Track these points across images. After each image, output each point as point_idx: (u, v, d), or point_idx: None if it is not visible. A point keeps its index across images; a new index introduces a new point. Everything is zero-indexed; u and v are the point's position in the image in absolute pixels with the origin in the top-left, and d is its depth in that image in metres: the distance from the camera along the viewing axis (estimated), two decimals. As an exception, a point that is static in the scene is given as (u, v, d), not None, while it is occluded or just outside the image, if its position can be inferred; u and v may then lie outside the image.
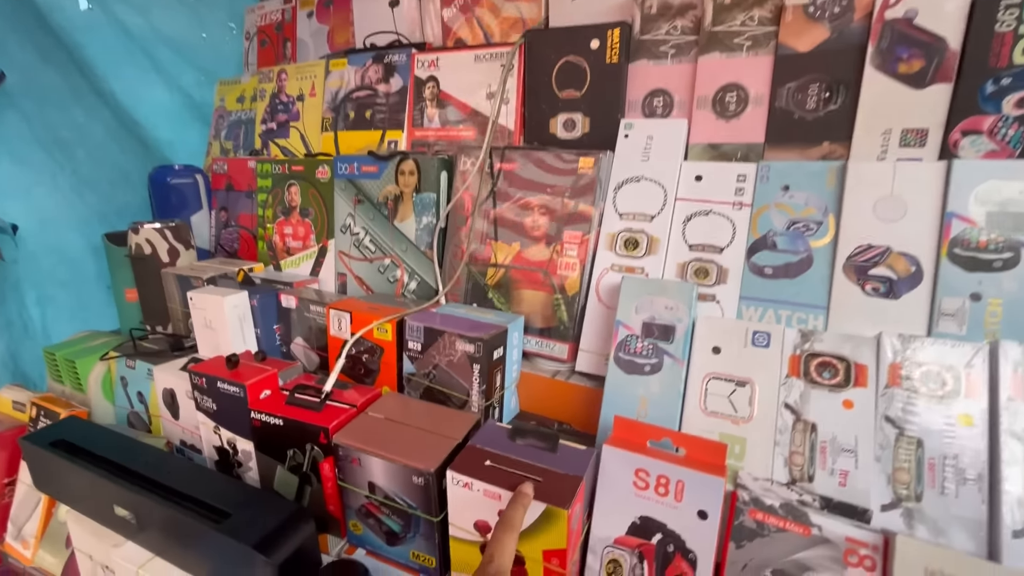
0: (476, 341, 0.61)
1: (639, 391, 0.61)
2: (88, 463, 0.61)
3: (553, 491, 0.48)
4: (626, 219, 0.71)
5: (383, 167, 0.80)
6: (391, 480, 0.54)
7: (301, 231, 0.91)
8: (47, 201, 1.05)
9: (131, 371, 0.82)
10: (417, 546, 0.56)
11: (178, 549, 0.56)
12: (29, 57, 0.98)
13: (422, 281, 0.80)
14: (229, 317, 0.76)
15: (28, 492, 0.79)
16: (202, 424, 0.69)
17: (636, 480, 0.51)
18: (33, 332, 1.06)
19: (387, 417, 0.60)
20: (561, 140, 0.79)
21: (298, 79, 1.03)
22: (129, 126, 1.17)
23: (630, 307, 0.64)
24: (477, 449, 0.54)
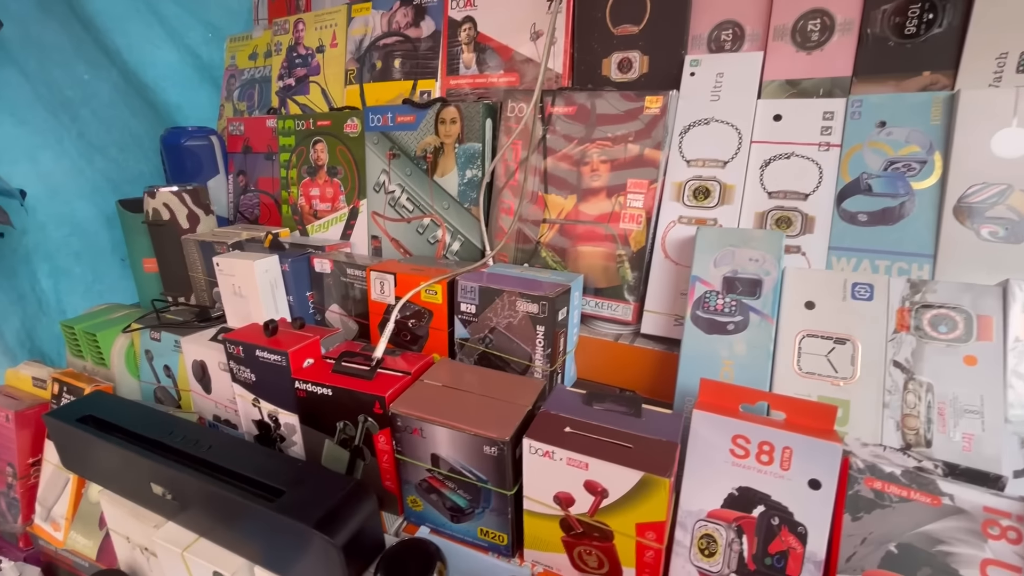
0: (541, 300, 0.56)
1: (722, 352, 0.55)
2: (121, 439, 0.56)
3: (649, 458, 0.42)
4: (694, 166, 0.64)
5: (421, 116, 0.73)
6: (458, 451, 0.49)
7: (329, 192, 0.85)
8: (54, 166, 0.98)
9: (156, 344, 0.76)
10: (486, 522, 0.51)
11: (225, 529, 0.52)
12: (26, 7, 0.90)
13: (466, 241, 0.74)
14: (260, 283, 0.70)
15: (55, 472, 0.75)
16: (239, 397, 0.64)
17: (734, 448, 0.46)
18: (47, 306, 1.01)
19: (445, 384, 0.55)
20: (615, 82, 0.71)
21: (317, 28, 0.95)
22: (137, 87, 1.10)
23: (708, 261, 0.57)
24: (552, 415, 0.48)
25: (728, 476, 0.46)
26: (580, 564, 0.48)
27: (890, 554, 0.42)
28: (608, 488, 0.43)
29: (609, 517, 0.44)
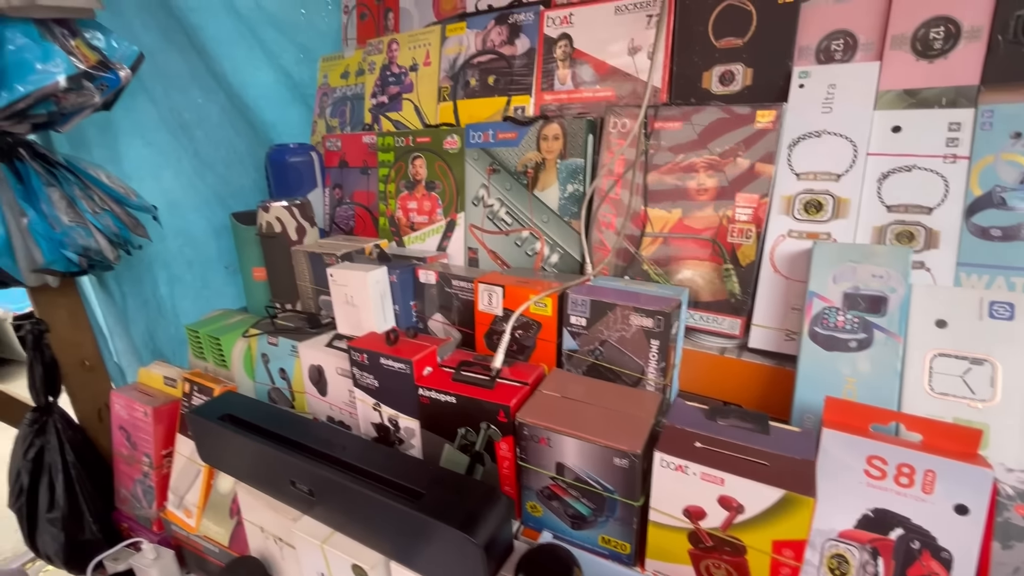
0: (656, 315, 0.57)
1: (844, 370, 0.55)
2: (261, 438, 0.62)
3: (790, 476, 0.43)
4: (805, 179, 0.64)
5: (523, 133, 0.76)
6: (585, 461, 0.51)
7: (427, 205, 0.89)
8: (173, 183, 1.07)
9: (273, 348, 0.83)
10: (609, 531, 0.52)
11: (362, 525, 0.56)
12: (154, 39, 0.99)
13: (565, 254, 0.76)
14: (372, 293, 0.75)
15: (187, 464, 0.82)
16: (359, 401, 0.69)
17: (869, 468, 0.46)
18: (165, 310, 1.10)
19: (563, 395, 0.57)
20: (716, 95, 0.71)
21: (411, 48, 0.99)
22: (240, 108, 1.18)
23: (826, 276, 0.57)
24: (678, 430, 0.50)
25: (862, 497, 0.46)
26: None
27: (1049, 586, 0.41)
28: (744, 504, 0.44)
29: (743, 533, 0.45)
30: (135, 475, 0.88)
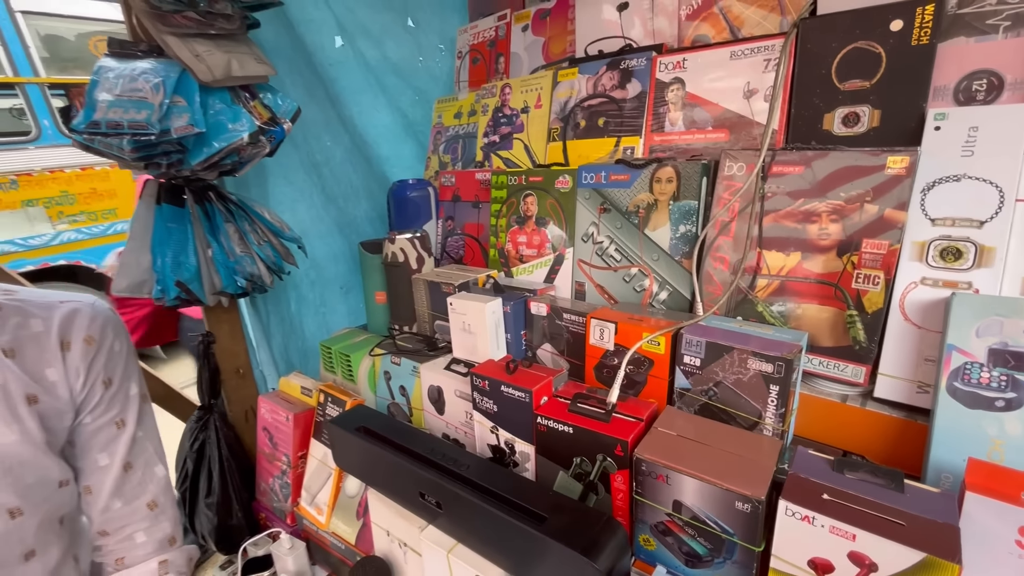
0: (777, 361, 0.57)
1: (990, 431, 0.52)
2: (395, 452, 0.69)
3: (931, 539, 0.42)
4: (941, 225, 0.61)
5: (635, 175, 0.79)
6: (704, 502, 0.52)
7: (536, 239, 0.95)
8: (305, 215, 1.22)
9: (396, 367, 0.92)
10: (726, 573, 0.53)
11: (485, 540, 0.61)
12: (299, 93, 1.15)
13: (674, 291, 0.78)
14: (488, 322, 0.81)
15: (320, 466, 0.93)
16: (477, 423, 0.75)
17: (1021, 539, 0.43)
18: (295, 327, 1.25)
19: (679, 434, 0.59)
20: (838, 136, 0.71)
21: (523, 92, 1.07)
22: (360, 146, 1.32)
23: (968, 329, 0.54)
24: (804, 479, 0.50)
25: (1012, 569, 0.44)
26: (834, 633, 0.48)
27: None
28: (878, 564, 0.44)
29: (877, 593, 0.44)
30: (274, 472, 1.00)
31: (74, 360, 0.66)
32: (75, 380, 0.66)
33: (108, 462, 0.71)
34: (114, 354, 0.70)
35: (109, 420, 0.70)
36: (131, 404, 0.73)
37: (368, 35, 1.23)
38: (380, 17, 1.24)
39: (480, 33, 1.28)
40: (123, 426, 0.72)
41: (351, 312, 1.30)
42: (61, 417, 0.66)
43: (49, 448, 0.64)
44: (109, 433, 0.71)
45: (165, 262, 0.83)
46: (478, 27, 1.28)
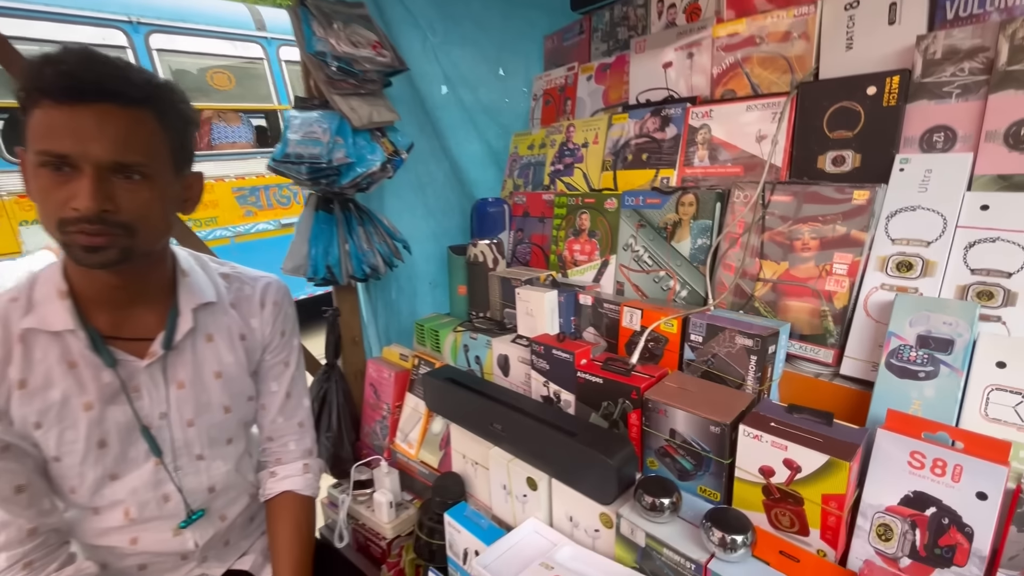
0: (755, 337, 0.78)
1: (912, 394, 0.70)
2: (474, 394, 0.96)
3: (835, 448, 0.62)
4: (899, 244, 0.80)
5: (665, 200, 1.03)
6: (690, 428, 0.74)
7: (587, 248, 1.20)
8: (409, 225, 1.54)
9: (473, 341, 1.19)
10: (704, 482, 0.75)
11: (535, 453, 0.85)
12: (413, 130, 1.47)
13: (692, 290, 0.99)
14: (546, 308, 1.07)
15: (412, 412, 1.22)
16: (533, 379, 1.00)
17: (911, 460, 0.62)
18: (394, 310, 1.57)
19: (679, 387, 0.81)
20: (828, 174, 0.90)
21: (584, 131, 1.33)
22: (455, 171, 1.63)
23: (904, 321, 0.73)
24: (760, 415, 0.71)
25: (905, 482, 0.62)
26: (776, 522, 0.68)
27: (1052, 562, 0.54)
28: (801, 465, 0.64)
29: (800, 487, 0.65)
30: (376, 417, 1.31)
31: (267, 315, 0.97)
32: (266, 328, 0.98)
33: (277, 389, 1.01)
34: (288, 315, 1.01)
35: (280, 360, 1.01)
36: (294, 351, 1.04)
37: (466, 83, 1.55)
38: (477, 68, 1.56)
39: (552, 80, 1.56)
40: (288, 365, 1.02)
41: (435, 303, 1.60)
42: (255, 352, 0.97)
43: (247, 372, 0.96)
44: (279, 369, 1.01)
45: (318, 252, 1.17)
46: (551, 75, 1.57)
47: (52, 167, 0.65)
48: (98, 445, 0.78)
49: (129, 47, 3.33)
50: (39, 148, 0.65)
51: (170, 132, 0.72)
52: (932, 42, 0.81)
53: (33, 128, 0.65)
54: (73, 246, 0.67)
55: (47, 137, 0.64)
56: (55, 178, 0.66)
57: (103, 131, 0.65)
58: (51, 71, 0.64)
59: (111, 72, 0.66)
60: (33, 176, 0.67)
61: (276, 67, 4.00)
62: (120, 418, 0.80)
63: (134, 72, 0.69)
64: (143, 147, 0.69)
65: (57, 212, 0.66)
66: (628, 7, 1.38)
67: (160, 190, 0.71)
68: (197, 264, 0.90)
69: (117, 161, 0.66)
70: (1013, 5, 0.77)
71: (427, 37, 1.42)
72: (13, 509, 0.73)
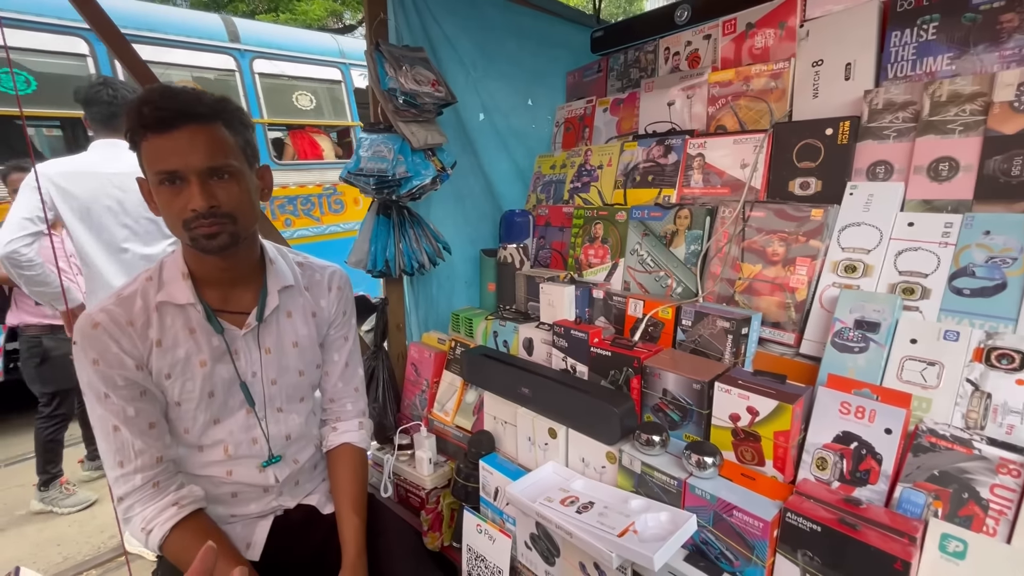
0: (731, 320, 1.00)
1: (848, 364, 0.91)
2: (505, 365, 1.18)
3: (783, 396, 0.84)
4: (847, 251, 1.02)
5: (666, 213, 1.26)
6: (678, 387, 0.96)
7: (600, 252, 1.43)
8: (449, 230, 1.77)
9: (502, 328, 1.42)
10: (688, 430, 0.96)
11: (555, 410, 1.07)
12: (457, 149, 1.73)
13: (685, 288, 1.22)
14: (566, 300, 1.30)
15: (448, 387, 1.44)
16: (554, 356, 1.22)
17: (840, 408, 0.83)
18: (433, 302, 1.80)
19: (672, 358, 1.03)
20: (797, 196, 1.13)
21: (599, 155, 1.57)
22: (488, 185, 1.88)
23: (845, 309, 0.94)
24: (732, 376, 0.92)
25: (837, 424, 0.83)
26: (741, 457, 0.89)
27: (932, 475, 0.74)
28: (759, 410, 0.85)
29: (758, 427, 0.86)
30: (416, 391, 1.53)
31: (332, 297, 1.20)
32: (331, 308, 1.20)
33: (338, 359, 1.24)
34: (348, 299, 1.24)
35: (341, 335, 1.24)
36: (352, 328, 1.26)
37: (500, 111, 1.80)
38: (510, 99, 1.81)
39: (573, 110, 1.81)
40: (347, 340, 1.25)
41: (468, 299, 1.83)
42: (323, 327, 1.20)
43: (316, 343, 1.18)
44: (339, 342, 1.24)
45: (377, 248, 1.41)
46: (572, 106, 1.82)
47: (167, 183, 0.85)
48: (208, 395, 1.01)
49: (237, 71, 3.81)
50: (155, 171, 0.84)
51: (238, 136, 0.91)
52: (875, 96, 1.04)
53: (146, 157, 0.85)
54: (197, 238, 0.88)
55: (158, 161, 0.84)
56: (171, 191, 0.85)
57: (195, 146, 0.84)
58: (147, 109, 0.82)
59: (187, 100, 0.85)
60: (156, 194, 0.88)
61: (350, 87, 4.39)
62: (224, 374, 1.02)
63: (203, 96, 0.87)
64: (225, 151, 0.87)
65: (180, 216, 0.87)
66: (640, 52, 1.63)
67: (245, 183, 0.92)
68: (279, 254, 1.11)
69: (210, 166, 0.85)
70: (935, 71, 1.00)
71: (469, 72, 1.68)
72: (147, 440, 0.96)
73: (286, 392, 1.11)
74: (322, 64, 4.24)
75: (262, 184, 1.01)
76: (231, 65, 3.75)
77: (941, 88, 0.96)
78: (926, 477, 0.75)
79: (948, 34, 0.99)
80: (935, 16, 1.00)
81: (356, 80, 4.51)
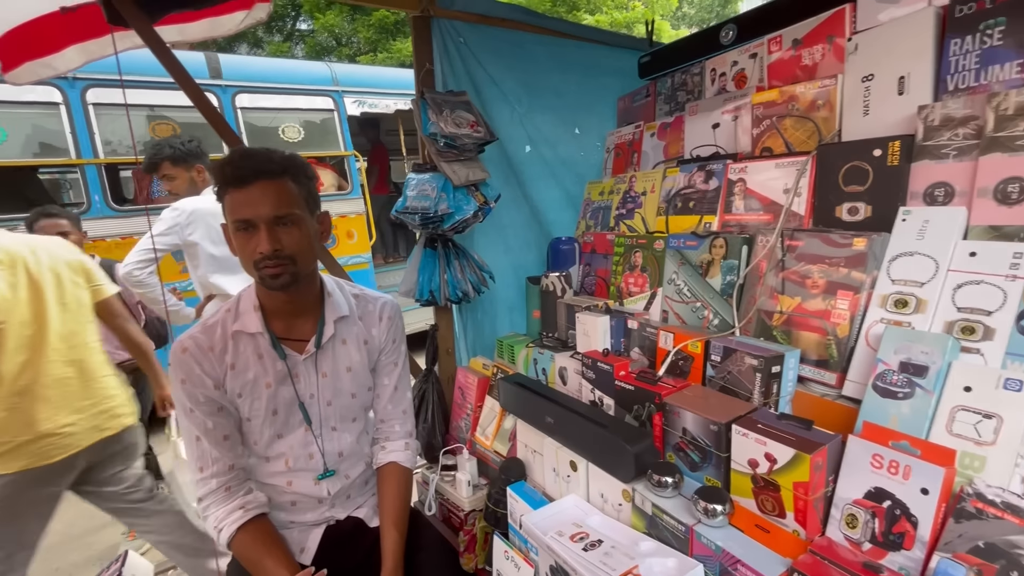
0: (760, 358, 0.95)
1: (891, 411, 0.83)
2: (537, 396, 1.21)
3: (801, 445, 0.78)
4: (897, 284, 0.92)
5: (701, 242, 1.22)
6: (696, 427, 0.93)
7: (640, 281, 1.41)
8: (493, 259, 1.84)
9: (541, 356, 1.44)
10: (709, 473, 0.92)
11: (577, 442, 1.08)
12: (500, 182, 1.80)
13: (722, 320, 1.16)
14: (600, 330, 1.30)
15: (489, 411, 1.49)
16: (584, 386, 1.23)
17: (873, 461, 0.76)
18: (479, 328, 1.87)
19: (695, 396, 0.99)
20: (844, 222, 1.04)
21: (643, 181, 1.55)
22: (534, 214, 1.93)
23: (890, 349, 0.86)
24: (753, 419, 0.87)
25: (868, 479, 0.76)
26: (762, 507, 0.84)
27: (976, 547, 0.65)
28: (777, 458, 0.80)
29: (778, 476, 0.80)
30: (462, 414, 1.60)
31: (383, 327, 1.31)
32: (382, 336, 1.31)
33: (388, 383, 1.34)
34: (398, 327, 1.34)
35: (391, 361, 1.34)
36: (401, 355, 1.36)
37: (547, 142, 1.85)
38: (556, 129, 1.86)
39: (622, 136, 1.81)
40: (397, 365, 1.35)
41: (512, 324, 1.88)
42: (374, 354, 1.31)
43: (368, 369, 1.29)
44: (389, 368, 1.34)
45: (424, 279, 1.51)
46: (621, 132, 1.82)
47: (243, 230, 1.00)
48: (272, 412, 1.15)
49: (335, 110, 4.25)
50: (234, 219, 1.00)
51: (302, 188, 1.04)
52: (931, 111, 0.94)
53: (228, 208, 1.01)
54: (264, 277, 1.03)
55: (236, 211, 0.99)
56: (245, 236, 1.00)
57: (265, 198, 0.98)
58: (229, 169, 0.99)
59: (260, 160, 1.00)
60: (234, 238, 1.03)
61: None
62: (286, 395, 1.16)
63: (273, 155, 1.02)
64: (289, 202, 1.01)
65: (251, 257, 1.01)
66: (687, 74, 1.60)
67: (305, 228, 1.05)
68: (337, 287, 1.24)
69: (276, 215, 0.99)
70: (1000, 80, 0.89)
71: (514, 108, 1.75)
72: (222, 450, 1.11)
73: (340, 413, 1.22)
74: (311, 94, 4.28)
75: (321, 228, 1.15)
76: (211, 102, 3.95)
77: (1008, 100, 0.85)
78: (968, 548, 0.66)
79: (1016, 39, 0.87)
80: (1000, 20, 0.89)
81: (350, 107, 4.41)
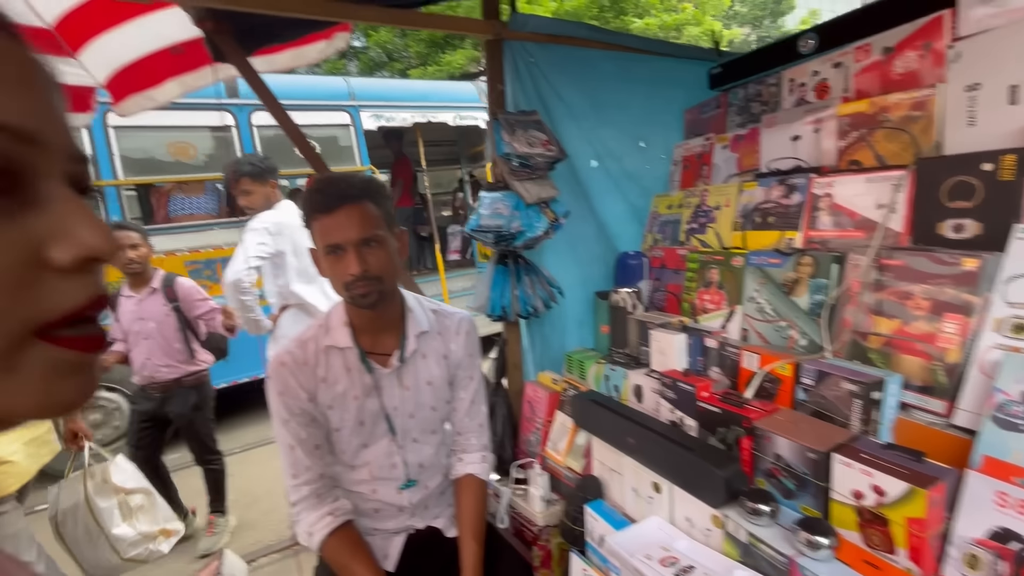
0: (859, 383, 0.91)
1: (1013, 445, 0.77)
2: (614, 414, 1.21)
3: (917, 480, 0.74)
4: (1016, 307, 0.86)
5: (785, 260, 1.19)
6: (792, 454, 0.90)
7: (716, 298, 1.38)
8: (561, 272, 1.85)
9: (613, 372, 1.44)
10: (805, 502, 0.89)
11: (660, 463, 1.07)
12: (568, 197, 1.81)
13: (811, 341, 1.13)
14: (676, 348, 1.28)
15: (560, 427, 1.50)
16: (662, 406, 1.22)
17: (997, 499, 0.71)
18: (547, 343, 1.89)
19: (787, 420, 0.97)
20: (948, 240, 0.99)
21: (716, 195, 1.53)
22: (600, 228, 1.92)
23: (1011, 378, 0.80)
24: (856, 448, 0.84)
25: (992, 519, 0.72)
26: (868, 541, 0.80)
27: None
28: (886, 491, 0.77)
29: (887, 510, 0.77)
30: (532, 428, 1.62)
31: (460, 341, 1.35)
32: (459, 351, 1.35)
33: (465, 396, 1.38)
34: (474, 342, 1.38)
35: (468, 375, 1.37)
36: (477, 369, 1.40)
37: (612, 155, 1.85)
38: (621, 143, 1.86)
39: (691, 148, 1.79)
40: (473, 379, 1.38)
41: (580, 339, 1.88)
42: (452, 368, 1.35)
43: (447, 382, 1.34)
44: (466, 381, 1.38)
45: (496, 295, 1.55)
46: (690, 144, 1.79)
47: (332, 253, 1.06)
48: (359, 423, 1.21)
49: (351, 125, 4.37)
50: (324, 244, 1.06)
51: (381, 208, 1.09)
52: (1050, 122, 0.88)
53: (317, 233, 1.07)
54: (355, 297, 1.09)
55: (325, 236, 1.05)
56: (335, 259, 1.06)
57: (351, 222, 1.04)
58: (318, 196, 1.05)
59: (344, 184, 1.06)
60: (324, 261, 1.09)
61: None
62: (372, 407, 1.21)
63: (354, 179, 1.08)
64: (372, 224, 1.06)
65: (341, 279, 1.07)
66: (762, 85, 1.56)
67: (388, 248, 1.11)
68: (416, 303, 1.29)
69: (362, 238, 1.04)
70: None
71: (581, 124, 1.77)
72: (313, 459, 1.18)
73: (421, 425, 1.27)
74: (328, 109, 4.35)
75: (400, 244, 1.21)
76: (228, 121, 4.00)
77: None
78: (1119, 601, 0.61)
79: None
80: None
81: (366, 122, 4.41)
